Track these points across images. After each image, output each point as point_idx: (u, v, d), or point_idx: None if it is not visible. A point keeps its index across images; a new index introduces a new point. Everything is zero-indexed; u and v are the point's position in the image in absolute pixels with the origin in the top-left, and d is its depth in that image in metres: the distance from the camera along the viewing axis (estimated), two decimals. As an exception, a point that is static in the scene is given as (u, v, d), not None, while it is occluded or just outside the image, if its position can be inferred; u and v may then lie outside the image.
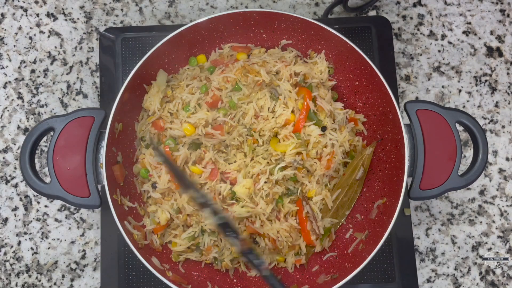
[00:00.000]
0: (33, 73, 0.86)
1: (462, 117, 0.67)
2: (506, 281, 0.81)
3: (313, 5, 0.90)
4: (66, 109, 0.85)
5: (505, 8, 0.90)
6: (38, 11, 0.88)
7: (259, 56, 0.77)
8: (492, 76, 0.87)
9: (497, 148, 0.85)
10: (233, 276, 0.74)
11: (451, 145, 0.67)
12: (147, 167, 0.72)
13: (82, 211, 0.82)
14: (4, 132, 0.84)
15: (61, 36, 0.88)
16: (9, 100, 0.85)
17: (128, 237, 0.66)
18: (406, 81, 0.87)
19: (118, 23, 0.88)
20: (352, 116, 0.78)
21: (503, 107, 0.86)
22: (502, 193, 0.84)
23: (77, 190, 0.65)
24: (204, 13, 0.89)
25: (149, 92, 0.75)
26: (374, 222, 0.72)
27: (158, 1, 0.89)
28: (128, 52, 0.82)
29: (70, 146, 0.66)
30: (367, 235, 0.72)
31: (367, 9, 0.89)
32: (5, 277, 0.80)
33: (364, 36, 0.84)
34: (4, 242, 0.81)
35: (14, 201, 0.82)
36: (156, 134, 0.74)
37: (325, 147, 0.73)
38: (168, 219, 0.71)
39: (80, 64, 0.87)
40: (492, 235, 0.83)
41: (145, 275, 0.76)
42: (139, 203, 0.73)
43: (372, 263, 0.73)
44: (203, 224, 0.71)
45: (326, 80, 0.78)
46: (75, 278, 0.80)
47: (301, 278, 0.73)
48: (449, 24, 0.89)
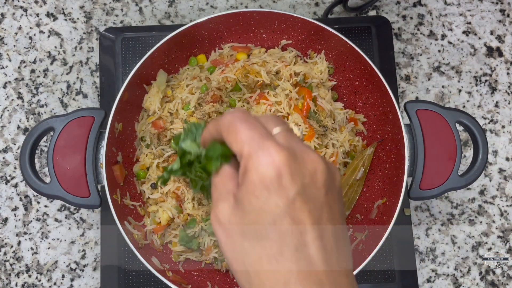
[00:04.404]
0: (33, 73, 0.86)
1: (462, 117, 0.67)
2: (506, 281, 0.81)
3: (313, 5, 0.90)
4: (66, 109, 0.85)
5: (505, 8, 0.90)
6: (38, 11, 0.88)
7: (259, 56, 0.77)
8: (492, 76, 0.87)
9: (497, 148, 0.85)
10: (233, 276, 0.74)
11: (451, 145, 0.67)
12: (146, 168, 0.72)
13: (82, 211, 0.82)
14: (4, 132, 0.84)
15: (61, 36, 0.88)
16: (9, 100, 0.85)
17: (128, 237, 0.66)
18: (406, 81, 0.87)
19: (118, 23, 0.88)
20: (352, 116, 0.78)
21: (503, 107, 0.86)
22: (502, 193, 0.84)
23: (77, 190, 0.65)
24: (204, 13, 0.89)
25: (149, 92, 0.75)
26: (374, 222, 0.72)
27: (158, 1, 0.89)
28: (128, 52, 0.82)
29: (70, 146, 0.66)
30: (367, 235, 0.72)
31: (367, 9, 0.89)
32: (5, 277, 0.80)
33: (364, 36, 0.84)
34: (4, 242, 0.81)
35: (14, 201, 0.82)
36: (156, 134, 0.74)
37: (326, 148, 0.73)
38: (169, 218, 0.71)
39: (80, 64, 0.87)
40: (492, 235, 0.83)
41: (145, 275, 0.76)
42: (139, 203, 0.73)
43: (372, 263, 0.72)
44: (203, 224, 0.71)
45: (326, 80, 0.78)
46: (75, 278, 0.80)
47: (301, 278, 0.73)
48: (449, 24, 0.89)
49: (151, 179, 0.73)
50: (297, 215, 0.35)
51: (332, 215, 0.37)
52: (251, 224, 0.35)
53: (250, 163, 0.35)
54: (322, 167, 0.36)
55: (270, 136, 0.36)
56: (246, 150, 0.35)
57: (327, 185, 0.36)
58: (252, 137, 0.36)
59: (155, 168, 0.72)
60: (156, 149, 0.73)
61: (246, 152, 0.35)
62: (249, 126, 0.36)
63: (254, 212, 0.35)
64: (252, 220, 0.35)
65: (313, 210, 0.35)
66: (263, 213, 0.35)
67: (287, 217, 0.35)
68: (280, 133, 0.37)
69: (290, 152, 0.35)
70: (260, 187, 0.35)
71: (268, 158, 0.34)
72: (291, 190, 0.34)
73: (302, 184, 0.35)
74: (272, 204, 0.34)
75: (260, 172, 0.35)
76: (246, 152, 0.35)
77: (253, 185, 0.35)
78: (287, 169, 0.34)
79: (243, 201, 0.36)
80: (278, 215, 0.35)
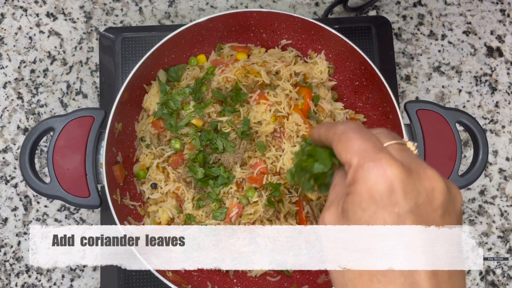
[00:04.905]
0: (33, 73, 0.86)
1: (462, 117, 0.67)
2: (506, 281, 0.81)
3: (313, 5, 0.90)
4: (66, 109, 0.85)
5: (505, 8, 0.90)
6: (38, 11, 0.88)
7: (259, 56, 0.77)
8: (492, 76, 0.87)
9: (497, 148, 0.85)
10: (233, 276, 0.74)
11: (451, 145, 0.67)
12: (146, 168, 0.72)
13: (82, 211, 0.82)
14: (4, 132, 0.84)
15: (61, 36, 0.88)
16: (9, 100, 0.85)
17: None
18: (406, 81, 0.87)
19: (118, 23, 0.88)
20: (352, 116, 0.77)
21: (503, 107, 0.86)
22: (502, 193, 0.84)
23: (77, 190, 0.65)
24: (204, 13, 0.89)
25: (149, 92, 0.75)
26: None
27: (158, 1, 0.89)
28: (128, 52, 0.82)
29: (70, 146, 0.66)
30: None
31: (367, 9, 0.89)
32: (5, 277, 0.80)
33: (364, 36, 0.84)
34: (4, 242, 0.81)
35: (14, 201, 0.82)
36: (156, 134, 0.74)
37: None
38: (169, 218, 0.71)
39: (80, 64, 0.86)
40: (492, 235, 0.83)
41: (145, 275, 0.76)
42: (139, 203, 0.73)
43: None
44: (203, 224, 0.71)
45: (326, 80, 0.78)
46: (75, 278, 0.80)
47: (301, 279, 0.73)
48: (449, 24, 0.89)
49: (151, 179, 0.73)
50: None
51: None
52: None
53: (359, 174, 0.33)
54: (441, 185, 0.33)
55: (384, 149, 0.34)
56: (356, 160, 0.34)
57: (444, 207, 0.33)
58: (365, 148, 0.34)
59: (155, 168, 0.72)
60: (156, 149, 0.73)
61: (355, 163, 0.33)
62: (362, 137, 0.35)
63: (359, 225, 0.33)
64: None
65: None
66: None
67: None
68: (393, 145, 0.35)
69: (405, 166, 0.33)
70: (367, 199, 0.32)
71: (380, 170, 0.32)
72: (402, 207, 0.32)
73: (416, 202, 0.32)
74: (380, 219, 0.32)
75: (369, 184, 0.32)
76: (355, 163, 0.33)
77: (360, 196, 0.33)
78: (400, 184, 0.32)
79: (348, 211, 0.33)
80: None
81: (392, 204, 0.32)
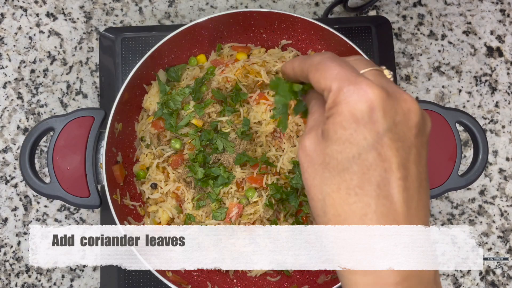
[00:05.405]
0: (32, 73, 0.86)
1: (462, 117, 0.67)
2: (506, 281, 0.81)
3: (313, 5, 0.90)
4: (66, 109, 0.85)
5: (505, 8, 0.90)
6: (37, 11, 0.88)
7: (259, 56, 0.77)
8: (492, 76, 0.87)
9: (497, 148, 0.85)
10: (233, 276, 0.74)
11: (451, 145, 0.67)
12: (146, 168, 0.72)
13: (82, 211, 0.82)
14: (4, 132, 0.84)
15: (61, 36, 0.88)
16: (9, 100, 0.85)
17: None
18: (406, 81, 0.87)
19: (118, 23, 0.88)
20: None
21: (503, 107, 0.86)
22: (502, 193, 0.84)
23: (77, 190, 0.65)
24: (204, 13, 0.89)
25: (149, 92, 0.75)
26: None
27: (158, 1, 0.89)
28: (128, 52, 0.82)
29: (70, 146, 0.66)
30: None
31: (367, 9, 0.89)
32: (5, 277, 0.80)
33: (364, 36, 0.84)
34: (4, 242, 0.81)
35: (13, 201, 0.82)
36: (156, 134, 0.74)
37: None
38: (169, 218, 0.71)
39: (80, 64, 0.86)
40: (492, 235, 0.83)
41: (145, 275, 0.76)
42: (139, 203, 0.73)
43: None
44: (203, 224, 0.71)
45: (326, 80, 0.78)
46: (75, 278, 0.80)
47: (301, 278, 0.73)
48: (449, 24, 0.89)
49: (151, 179, 0.73)
50: (384, 151, 0.34)
51: (419, 159, 0.36)
52: (334, 154, 0.35)
53: (340, 96, 0.34)
54: (416, 107, 0.35)
55: (361, 74, 0.36)
56: (336, 84, 0.35)
57: (418, 127, 0.36)
58: (344, 73, 0.35)
59: (155, 168, 0.72)
60: (156, 149, 0.73)
61: (336, 87, 0.35)
62: (339, 64, 0.36)
63: (339, 143, 0.34)
64: (335, 151, 0.35)
65: (401, 149, 0.34)
66: (349, 144, 0.34)
67: (373, 151, 0.34)
68: (371, 71, 0.37)
69: (383, 88, 0.34)
70: (349, 118, 0.34)
71: (360, 91, 0.34)
72: (381, 125, 0.34)
73: (394, 121, 0.34)
74: (360, 136, 0.34)
75: (351, 104, 0.34)
76: (336, 87, 0.35)
77: (342, 116, 0.34)
78: (380, 103, 0.34)
79: (329, 131, 0.35)
80: (364, 149, 0.34)
81: (372, 121, 0.34)
